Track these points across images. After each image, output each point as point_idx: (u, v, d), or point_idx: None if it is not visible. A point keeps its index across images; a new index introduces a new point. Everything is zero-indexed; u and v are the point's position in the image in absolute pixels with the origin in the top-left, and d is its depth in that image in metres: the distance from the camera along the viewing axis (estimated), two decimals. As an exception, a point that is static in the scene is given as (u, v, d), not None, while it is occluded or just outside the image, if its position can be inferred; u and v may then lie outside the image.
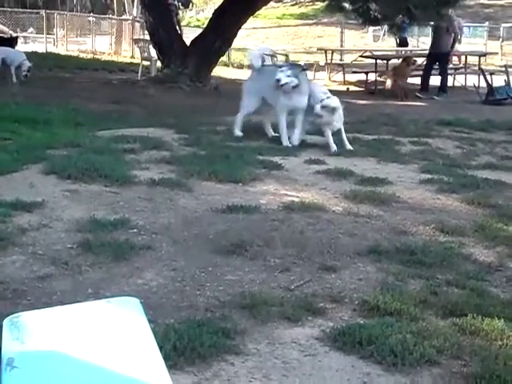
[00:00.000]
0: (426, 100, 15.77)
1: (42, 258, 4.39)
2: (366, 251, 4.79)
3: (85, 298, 3.78)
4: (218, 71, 19.63)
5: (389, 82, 16.11)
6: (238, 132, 8.87)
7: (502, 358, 3.29)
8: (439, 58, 16.63)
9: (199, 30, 20.23)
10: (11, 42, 18.70)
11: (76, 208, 5.41)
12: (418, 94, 16.32)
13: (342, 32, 27.78)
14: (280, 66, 9.06)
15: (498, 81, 16.28)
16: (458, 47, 24.06)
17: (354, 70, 18.40)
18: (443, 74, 16.86)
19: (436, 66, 16.88)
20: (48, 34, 27.86)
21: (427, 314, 3.83)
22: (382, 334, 3.42)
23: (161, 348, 1.73)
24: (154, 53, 18.04)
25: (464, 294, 4.11)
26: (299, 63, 14.43)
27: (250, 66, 9.40)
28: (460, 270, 4.56)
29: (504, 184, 6.96)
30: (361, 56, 19.73)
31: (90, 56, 24.84)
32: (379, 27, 25.04)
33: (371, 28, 29.55)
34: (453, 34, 16.45)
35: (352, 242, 4.96)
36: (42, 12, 28.94)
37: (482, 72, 16.64)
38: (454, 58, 21.96)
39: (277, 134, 8.73)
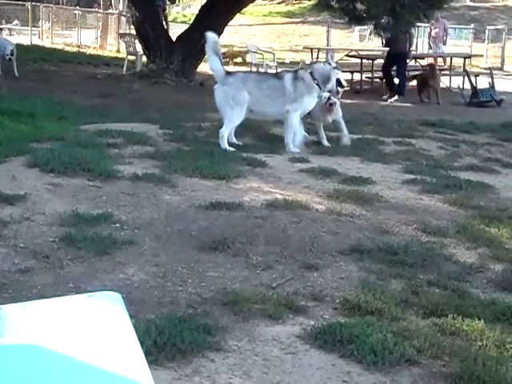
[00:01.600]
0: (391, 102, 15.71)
1: (24, 251, 4.37)
2: (348, 250, 4.80)
3: (66, 292, 3.76)
4: (204, 67, 19.60)
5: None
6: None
7: (482, 358, 3.31)
8: (397, 58, 16.68)
9: (185, 26, 20.18)
10: None
11: (58, 202, 5.38)
12: (385, 98, 16.22)
13: (328, 31, 27.82)
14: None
15: (483, 83, 16.36)
16: (444, 49, 24.21)
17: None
18: (400, 76, 16.88)
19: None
20: (33, 26, 27.71)
21: (408, 313, 3.85)
22: (362, 333, 3.43)
23: (142, 343, 1.72)
24: (139, 47, 17.99)
25: (445, 295, 4.13)
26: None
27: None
28: (441, 270, 4.58)
29: (486, 186, 7.00)
30: (346, 55, 19.74)
31: (75, 49, 24.72)
32: (365, 27, 25.05)
33: (357, 28, 29.58)
34: (407, 35, 16.53)
35: (334, 241, 4.97)
36: (28, 4, 28.78)
37: (466, 74, 16.71)
38: (439, 60, 22.06)
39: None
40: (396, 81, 16.59)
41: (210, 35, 8.26)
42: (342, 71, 16.03)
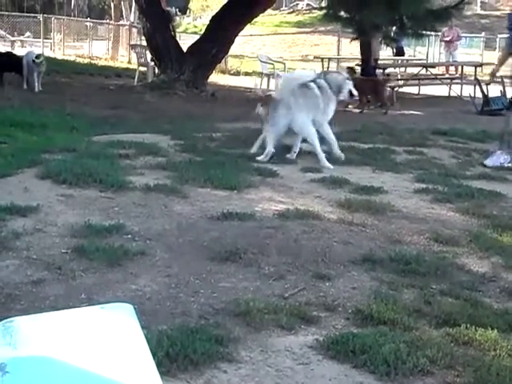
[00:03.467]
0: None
1: (36, 262, 4.38)
2: (360, 260, 4.79)
3: (78, 303, 3.77)
4: (215, 78, 19.65)
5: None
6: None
7: (495, 368, 3.29)
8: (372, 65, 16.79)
9: (196, 37, 20.25)
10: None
11: (71, 213, 5.40)
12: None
13: (338, 40, 27.87)
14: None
15: (494, 91, 16.31)
16: (456, 57, 24.18)
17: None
18: None
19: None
20: (45, 38, 27.90)
21: (421, 323, 3.83)
22: (375, 344, 3.41)
23: (154, 355, 1.72)
24: (150, 58, 18.05)
25: (458, 304, 4.11)
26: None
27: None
28: (454, 279, 4.56)
29: (498, 194, 6.97)
30: (357, 65, 19.75)
31: (86, 61, 24.85)
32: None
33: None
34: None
35: (346, 251, 4.96)
36: (40, 16, 28.97)
37: (477, 82, 16.66)
38: (451, 68, 22.05)
39: None
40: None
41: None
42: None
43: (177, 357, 3.19)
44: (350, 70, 17.31)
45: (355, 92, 8.63)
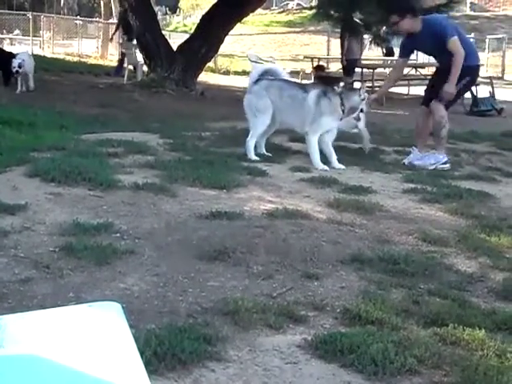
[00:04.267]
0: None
1: (24, 261, 4.36)
2: (348, 259, 4.80)
3: (66, 301, 3.76)
4: (205, 77, 19.64)
5: None
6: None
7: (483, 368, 3.30)
8: (352, 64, 16.82)
9: (186, 36, 20.25)
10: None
11: (59, 211, 5.38)
12: None
13: (328, 40, 27.93)
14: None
15: (483, 92, 16.38)
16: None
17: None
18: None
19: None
20: (34, 36, 27.82)
21: (409, 323, 3.84)
22: (363, 343, 3.42)
23: (142, 353, 1.72)
24: (140, 57, 18.03)
25: (446, 304, 4.12)
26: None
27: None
28: (442, 279, 4.57)
29: (487, 195, 7.00)
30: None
31: (76, 59, 24.81)
32: (366, 36, 25.19)
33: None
34: (360, 43, 16.68)
35: (335, 250, 4.97)
36: (29, 14, 28.88)
37: (467, 83, 16.71)
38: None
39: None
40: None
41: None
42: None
43: (165, 356, 3.18)
44: (319, 67, 17.47)
45: (365, 108, 8.53)
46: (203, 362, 3.23)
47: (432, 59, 23.53)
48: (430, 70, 21.84)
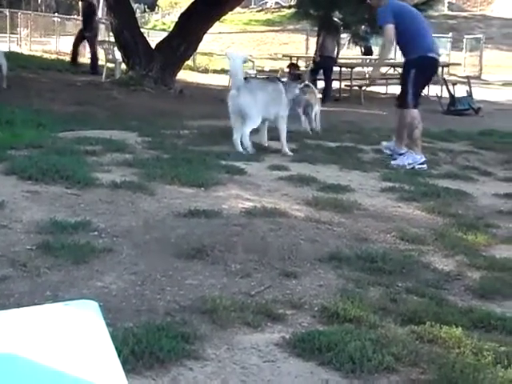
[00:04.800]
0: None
1: (1, 259, 4.33)
2: (326, 258, 4.81)
3: (43, 300, 3.74)
4: (183, 75, 19.60)
5: None
6: None
7: (459, 366, 3.32)
8: (324, 62, 16.88)
9: (165, 34, 20.20)
10: None
11: (36, 209, 5.35)
12: None
13: (307, 39, 27.95)
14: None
15: (461, 91, 16.47)
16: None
17: (318, 77, 18.47)
18: (327, 81, 17.16)
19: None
20: (11, 33, 27.61)
21: (386, 321, 3.85)
22: (341, 341, 3.43)
23: (119, 352, 1.71)
24: (118, 55, 17.96)
25: (423, 302, 4.14)
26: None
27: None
28: (419, 278, 4.59)
29: (464, 193, 7.04)
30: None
31: (53, 57, 24.64)
32: (344, 35, 25.28)
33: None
34: (335, 42, 16.76)
35: (313, 249, 4.98)
36: (6, 11, 28.67)
37: (444, 82, 16.82)
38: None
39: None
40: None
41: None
42: (321, 79, 16.31)
43: (142, 354, 3.17)
44: (293, 65, 17.64)
45: None
46: (181, 361, 3.23)
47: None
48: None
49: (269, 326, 3.70)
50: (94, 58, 20.33)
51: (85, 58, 24.90)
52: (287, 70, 17.19)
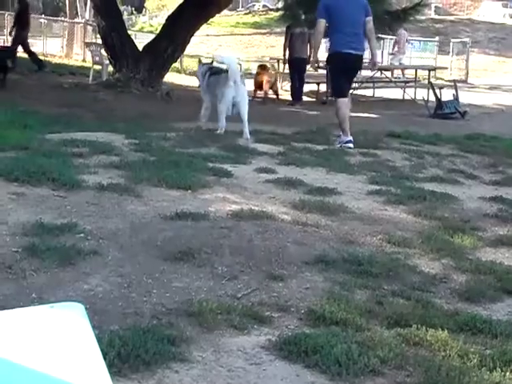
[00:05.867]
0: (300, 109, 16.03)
1: (-14, 261, 4.31)
2: (313, 260, 4.81)
3: (28, 302, 3.72)
4: (170, 77, 19.58)
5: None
6: None
7: (445, 368, 3.33)
8: (296, 64, 17.01)
9: (152, 36, 20.17)
10: None
11: (22, 211, 5.33)
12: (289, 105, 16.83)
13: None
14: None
15: (447, 95, 16.53)
16: (410, 61, 24.47)
17: (305, 80, 18.49)
18: (300, 81, 17.30)
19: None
20: (-2, 34, 27.50)
21: (372, 324, 3.86)
22: (327, 344, 3.43)
23: (105, 355, 1.71)
24: (105, 57, 17.93)
25: (409, 305, 4.16)
26: None
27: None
28: (405, 280, 4.61)
29: (450, 197, 7.06)
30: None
31: (40, 58, 24.54)
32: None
33: (324, 39, 29.79)
34: (308, 43, 16.86)
35: (300, 251, 4.98)
36: (-8, 12, 28.55)
37: (431, 86, 16.88)
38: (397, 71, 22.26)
39: None
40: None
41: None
42: (309, 82, 16.41)
43: (128, 357, 3.16)
44: (262, 67, 17.96)
45: None
46: (167, 363, 3.22)
47: (397, 63, 23.58)
48: (396, 73, 22.04)
49: (255, 329, 3.69)
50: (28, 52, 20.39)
51: (71, 59, 24.87)
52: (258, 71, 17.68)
